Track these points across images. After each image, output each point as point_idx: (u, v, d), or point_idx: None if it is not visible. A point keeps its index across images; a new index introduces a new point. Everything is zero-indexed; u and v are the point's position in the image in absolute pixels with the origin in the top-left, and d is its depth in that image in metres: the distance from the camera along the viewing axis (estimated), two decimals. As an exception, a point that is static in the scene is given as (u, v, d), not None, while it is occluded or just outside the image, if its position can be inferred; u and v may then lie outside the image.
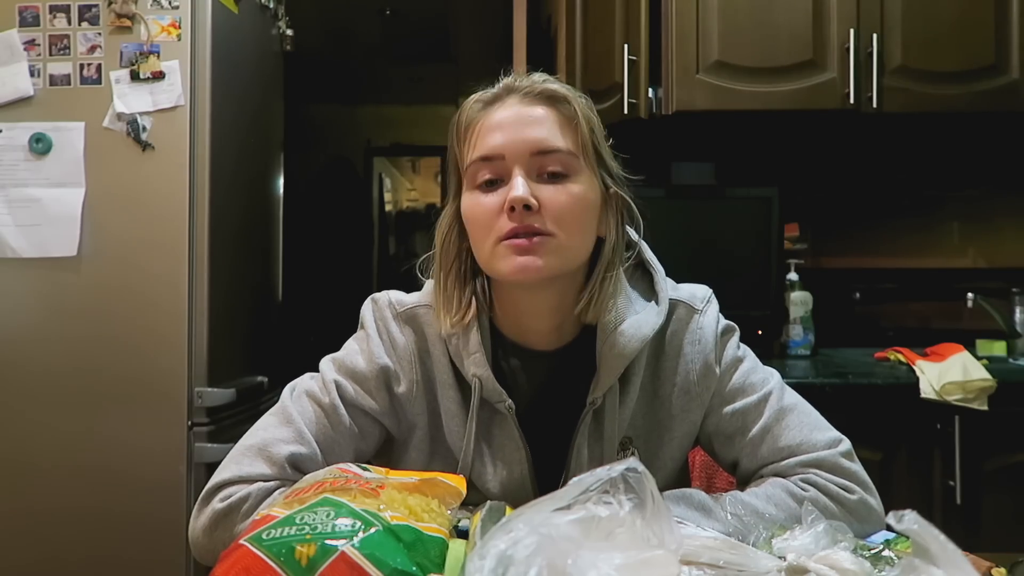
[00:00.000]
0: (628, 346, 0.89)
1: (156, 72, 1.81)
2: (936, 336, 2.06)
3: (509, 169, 0.85)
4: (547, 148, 0.86)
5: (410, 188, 6.04)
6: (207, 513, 0.85)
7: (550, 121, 0.87)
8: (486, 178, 0.87)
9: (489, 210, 0.85)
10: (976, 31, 1.99)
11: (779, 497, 0.87)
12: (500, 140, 0.86)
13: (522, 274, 0.84)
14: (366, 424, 0.93)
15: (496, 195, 0.86)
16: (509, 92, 0.89)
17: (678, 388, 0.94)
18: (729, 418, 0.94)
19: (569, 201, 0.85)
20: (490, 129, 0.87)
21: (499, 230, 0.85)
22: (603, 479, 0.60)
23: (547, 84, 0.89)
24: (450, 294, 0.91)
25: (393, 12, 3.93)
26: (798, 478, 0.89)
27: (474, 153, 0.87)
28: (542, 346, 0.93)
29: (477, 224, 0.87)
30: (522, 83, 0.89)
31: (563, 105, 0.88)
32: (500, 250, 0.85)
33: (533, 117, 0.87)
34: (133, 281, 1.80)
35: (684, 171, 2.39)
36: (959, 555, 0.56)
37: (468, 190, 0.89)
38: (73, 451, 1.80)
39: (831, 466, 0.89)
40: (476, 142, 0.88)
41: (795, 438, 0.91)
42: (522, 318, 0.92)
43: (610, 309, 0.90)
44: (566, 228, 0.85)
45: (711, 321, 0.95)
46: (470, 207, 0.88)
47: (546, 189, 0.85)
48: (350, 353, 0.95)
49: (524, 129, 0.86)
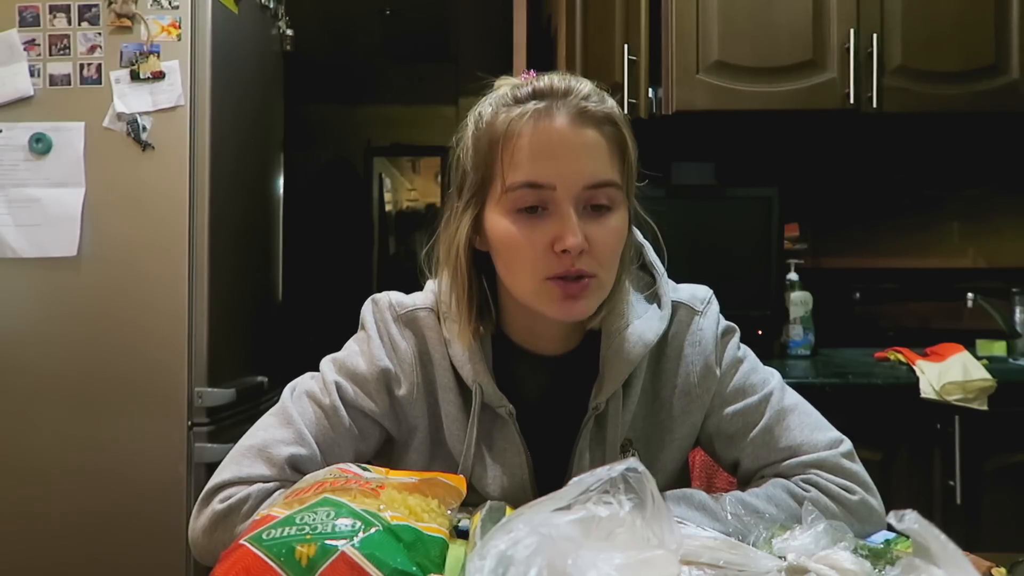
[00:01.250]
0: (632, 352, 0.89)
1: (156, 72, 1.81)
2: (936, 336, 2.05)
3: (557, 201, 0.80)
4: (599, 182, 0.81)
5: (410, 188, 6.04)
6: (207, 514, 0.85)
7: (602, 148, 0.82)
8: (529, 204, 0.81)
9: (535, 246, 0.81)
10: (976, 31, 1.99)
11: (780, 497, 0.87)
12: (552, 169, 0.80)
13: (568, 316, 0.83)
14: (366, 425, 0.93)
15: (541, 230, 0.81)
16: (557, 102, 0.82)
17: (678, 390, 0.94)
18: (730, 419, 0.93)
19: (612, 239, 0.83)
20: (539, 152, 0.81)
21: (545, 269, 0.81)
22: (603, 479, 0.60)
23: (599, 104, 0.83)
24: (461, 306, 0.88)
25: (393, 12, 3.93)
26: (799, 478, 0.89)
27: (518, 174, 0.81)
28: (547, 351, 0.93)
29: (516, 255, 0.83)
30: (570, 91, 0.83)
31: (612, 128, 0.84)
32: (545, 288, 0.82)
33: (586, 144, 0.81)
34: (133, 281, 1.80)
35: (684, 171, 2.38)
36: (960, 555, 0.56)
37: (501, 210, 0.83)
38: (72, 451, 1.80)
39: (832, 467, 0.89)
40: (521, 162, 0.81)
41: (796, 439, 0.91)
42: (534, 328, 0.92)
43: (619, 314, 0.89)
44: (607, 266, 0.84)
45: (711, 323, 0.95)
46: (507, 236, 0.83)
47: (593, 226, 0.81)
48: (351, 354, 0.94)
49: (578, 159, 0.81)
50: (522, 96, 0.84)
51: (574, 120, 0.81)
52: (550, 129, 0.81)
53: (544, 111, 0.82)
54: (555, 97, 0.82)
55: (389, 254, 5.39)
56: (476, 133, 0.86)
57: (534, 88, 0.83)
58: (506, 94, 0.85)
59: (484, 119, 0.85)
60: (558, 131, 0.81)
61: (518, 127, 0.82)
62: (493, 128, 0.83)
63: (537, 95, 0.83)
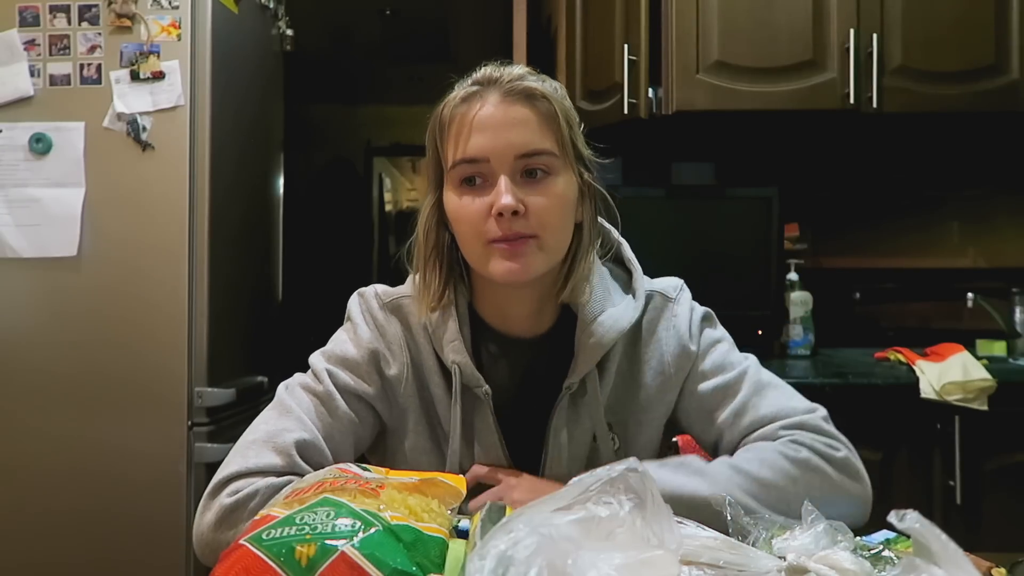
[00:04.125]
0: (606, 336, 0.94)
1: (156, 72, 1.81)
2: (936, 336, 2.05)
3: (494, 171, 0.88)
4: (530, 151, 0.88)
5: (410, 188, 6.04)
6: (215, 508, 0.84)
7: (532, 121, 0.89)
8: (468, 175, 0.89)
9: (475, 213, 0.88)
10: (976, 31, 1.99)
11: (772, 460, 0.89)
12: (484, 143, 0.88)
13: (511, 276, 0.88)
14: (361, 409, 0.95)
15: (482, 199, 0.88)
16: (489, 86, 0.90)
17: (653, 371, 0.98)
18: (710, 394, 0.97)
19: (552, 202, 0.89)
20: (473, 130, 0.88)
21: (486, 233, 0.88)
22: (603, 479, 0.60)
23: (526, 81, 0.90)
24: (428, 282, 0.94)
25: (393, 12, 3.93)
26: (787, 439, 0.92)
27: (457, 153, 0.89)
28: (522, 333, 0.97)
29: (463, 225, 0.90)
30: (501, 77, 0.90)
31: (543, 103, 0.90)
32: (488, 252, 0.89)
33: (516, 118, 0.88)
34: (133, 281, 1.80)
35: (684, 171, 2.39)
36: (960, 555, 0.56)
37: (451, 188, 0.91)
38: (72, 451, 1.80)
39: (813, 427, 0.93)
40: (459, 142, 0.89)
41: (775, 406, 0.95)
42: (503, 305, 0.96)
43: (585, 292, 0.94)
44: (550, 228, 0.89)
45: (685, 309, 1.00)
46: (456, 208, 0.90)
47: (530, 192, 0.88)
48: (339, 343, 0.98)
49: (507, 131, 0.88)
50: (464, 87, 0.92)
51: (503, 98, 0.89)
52: (482, 109, 0.89)
53: (476, 94, 0.90)
54: (488, 82, 0.90)
55: (389, 254, 5.39)
56: (434, 128, 0.93)
57: (472, 79, 0.92)
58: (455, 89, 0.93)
59: (439, 115, 0.93)
60: (489, 110, 0.89)
61: (456, 112, 0.90)
62: (440, 118, 0.92)
63: (475, 83, 0.91)
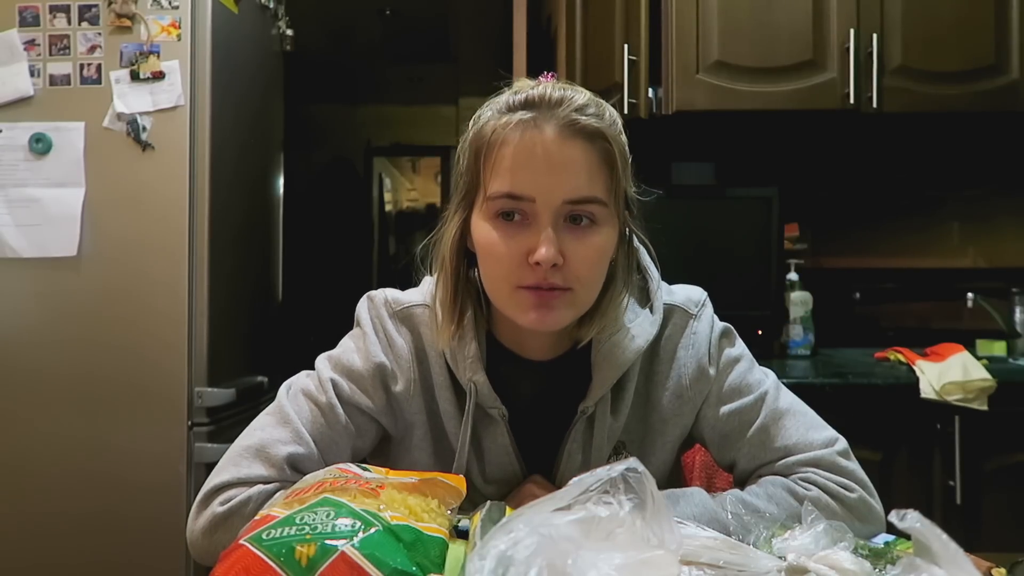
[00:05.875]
0: (622, 358, 0.90)
1: (156, 72, 1.81)
2: (936, 336, 2.05)
3: (537, 212, 0.80)
4: (580, 198, 0.81)
5: (410, 188, 6.04)
6: (206, 516, 0.85)
7: (586, 164, 0.81)
8: (508, 212, 0.82)
9: (509, 256, 0.81)
10: (976, 31, 1.99)
11: (780, 496, 0.87)
12: (533, 181, 0.80)
13: (537, 326, 0.83)
14: (363, 422, 0.93)
15: (517, 240, 0.81)
16: (546, 112, 0.81)
17: (670, 392, 0.94)
18: (726, 418, 0.93)
19: (592, 255, 0.82)
20: (521, 163, 0.80)
21: (518, 278, 0.81)
22: (603, 479, 0.60)
23: (587, 117, 0.81)
24: (451, 305, 0.88)
25: (393, 12, 3.94)
26: (798, 477, 0.89)
27: (500, 183, 0.81)
28: (538, 356, 0.93)
29: (493, 263, 0.83)
30: (562, 103, 0.81)
31: (601, 143, 0.82)
32: (516, 298, 0.82)
33: (570, 158, 0.80)
34: (133, 281, 1.80)
35: (684, 171, 2.38)
36: (961, 554, 0.56)
37: (485, 216, 0.83)
38: (72, 452, 1.80)
39: (829, 464, 0.89)
40: (504, 171, 0.81)
41: (792, 438, 0.91)
42: (521, 334, 0.92)
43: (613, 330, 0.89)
44: (585, 282, 0.83)
45: (705, 326, 0.95)
46: (488, 242, 0.83)
47: (571, 240, 0.81)
48: (346, 351, 0.94)
49: (559, 172, 0.80)
50: (515, 104, 0.83)
51: (561, 133, 0.80)
52: (535, 141, 0.80)
53: (532, 121, 0.81)
54: (546, 107, 0.81)
55: (389, 254, 5.39)
56: (469, 137, 0.86)
57: (527, 96, 0.82)
58: (502, 100, 0.84)
59: (478, 124, 0.85)
60: (543, 143, 0.80)
61: (503, 135, 0.81)
62: (483, 134, 0.83)
63: (528, 104, 0.82)
